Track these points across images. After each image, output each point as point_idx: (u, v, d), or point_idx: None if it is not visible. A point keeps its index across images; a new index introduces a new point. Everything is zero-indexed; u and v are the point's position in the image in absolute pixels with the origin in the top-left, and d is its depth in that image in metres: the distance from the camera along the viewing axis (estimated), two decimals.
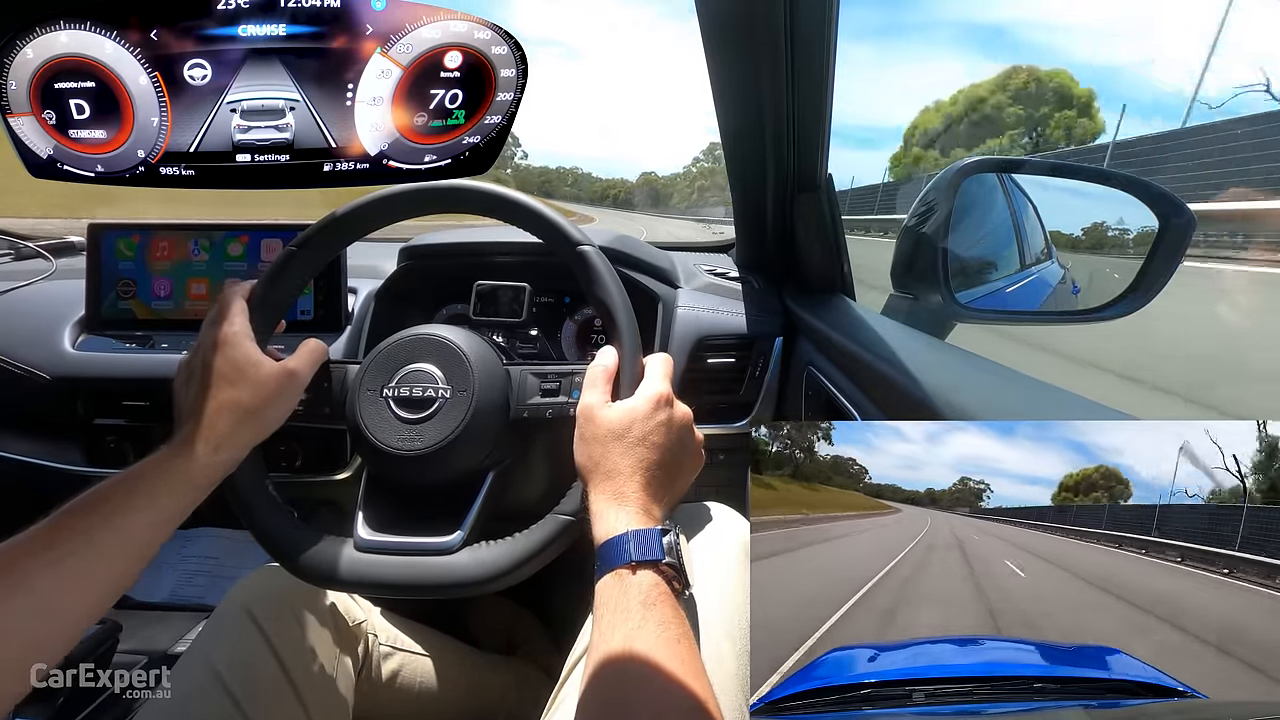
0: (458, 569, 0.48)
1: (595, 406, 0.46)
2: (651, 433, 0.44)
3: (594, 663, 0.35)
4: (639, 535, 0.39)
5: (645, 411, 0.45)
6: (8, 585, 0.35)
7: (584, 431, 0.46)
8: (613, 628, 0.36)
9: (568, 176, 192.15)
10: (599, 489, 0.43)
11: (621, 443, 0.44)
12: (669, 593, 0.38)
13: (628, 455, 0.44)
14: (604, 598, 0.38)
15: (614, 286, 0.51)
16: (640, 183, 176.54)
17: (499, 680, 0.75)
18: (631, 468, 0.43)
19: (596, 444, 0.45)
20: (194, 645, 0.52)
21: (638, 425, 0.44)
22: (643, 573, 0.38)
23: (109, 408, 0.82)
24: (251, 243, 0.86)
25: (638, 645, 0.34)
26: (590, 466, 0.45)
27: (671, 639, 0.35)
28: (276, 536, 0.50)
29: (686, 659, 0.35)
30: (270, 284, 0.52)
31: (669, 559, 0.39)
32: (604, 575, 0.39)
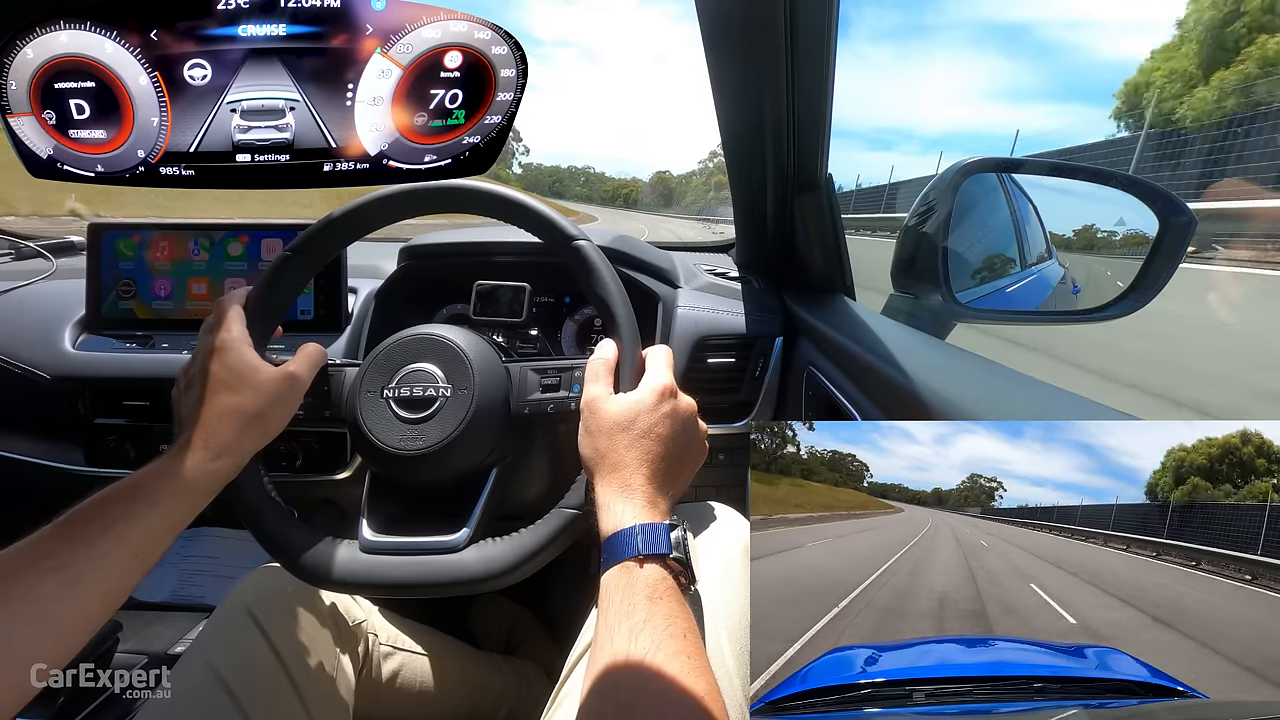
0: (464, 566, 0.48)
1: (600, 399, 0.46)
2: (657, 424, 0.44)
3: (599, 656, 0.35)
4: (646, 529, 0.39)
5: (650, 403, 0.45)
6: (9, 595, 0.35)
7: (589, 424, 0.46)
8: (619, 621, 0.36)
9: (579, 176, 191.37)
10: (605, 481, 0.43)
11: (627, 434, 0.44)
12: (675, 587, 0.38)
13: (633, 447, 0.43)
14: (610, 590, 0.38)
15: (611, 281, 0.51)
16: (654, 181, 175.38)
17: (499, 680, 0.75)
18: (638, 460, 0.43)
19: (602, 436, 0.44)
20: (194, 645, 0.52)
21: (643, 417, 0.44)
22: (650, 566, 0.38)
23: (109, 407, 0.82)
24: (251, 243, 0.86)
25: (643, 639, 0.34)
26: (596, 459, 0.44)
27: (678, 633, 0.35)
28: (282, 541, 0.50)
29: (692, 654, 0.35)
30: (267, 288, 0.52)
31: (676, 553, 0.39)
32: (610, 568, 0.39)
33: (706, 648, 0.43)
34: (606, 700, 0.34)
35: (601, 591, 0.39)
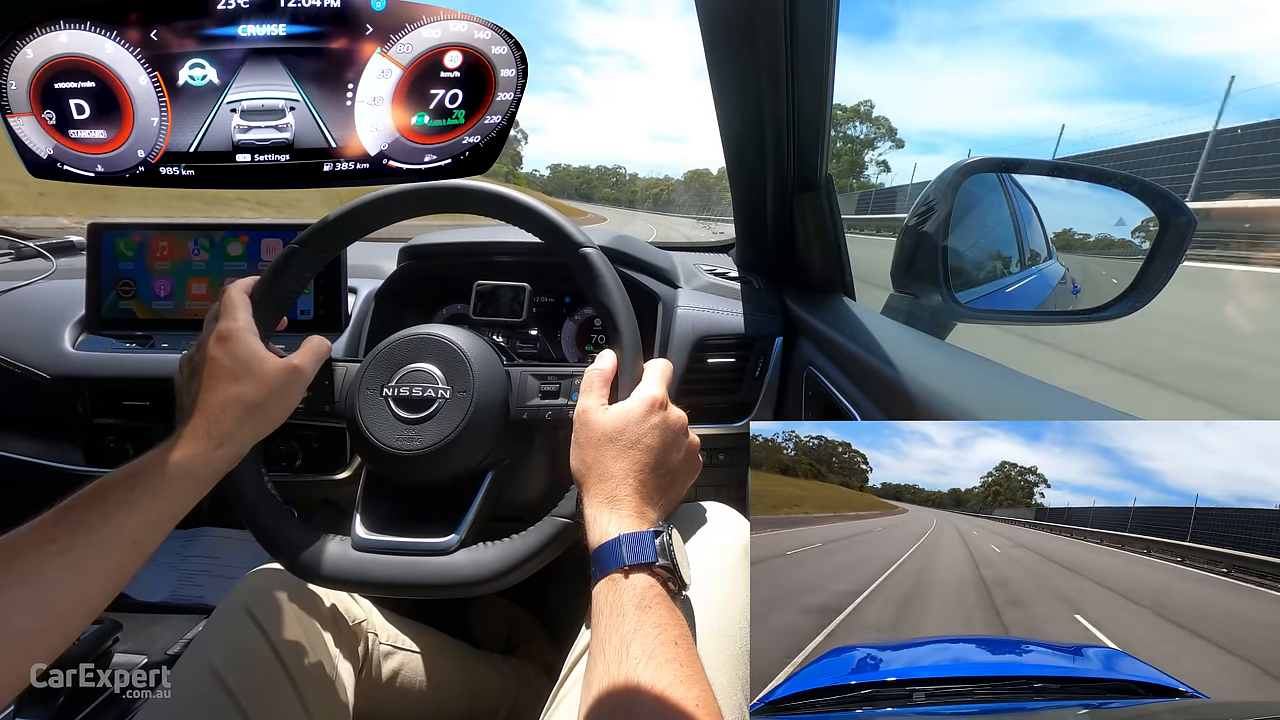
0: (455, 569, 0.48)
1: (590, 410, 0.46)
2: (645, 435, 0.44)
3: (593, 671, 0.35)
4: (630, 539, 0.39)
5: (639, 415, 0.45)
6: (11, 578, 0.35)
7: (579, 436, 0.46)
8: (610, 632, 0.36)
9: (610, 176, 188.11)
10: (592, 494, 0.43)
11: (614, 446, 0.44)
12: (664, 594, 0.38)
13: (620, 459, 0.43)
14: (600, 603, 0.38)
15: (616, 289, 0.51)
16: (688, 179, 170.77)
17: (499, 680, 0.75)
18: (624, 471, 0.43)
19: (590, 448, 0.44)
20: (194, 645, 0.52)
21: (631, 428, 0.44)
22: (636, 576, 0.38)
23: (109, 407, 0.82)
24: (251, 243, 0.86)
25: (634, 650, 0.34)
26: (584, 471, 0.44)
27: (669, 640, 0.35)
28: (275, 535, 0.50)
29: (685, 660, 0.35)
30: (272, 280, 0.52)
31: (662, 561, 0.39)
32: (599, 580, 0.39)
33: (705, 647, 0.43)
34: (603, 708, 0.34)
35: (593, 604, 0.39)
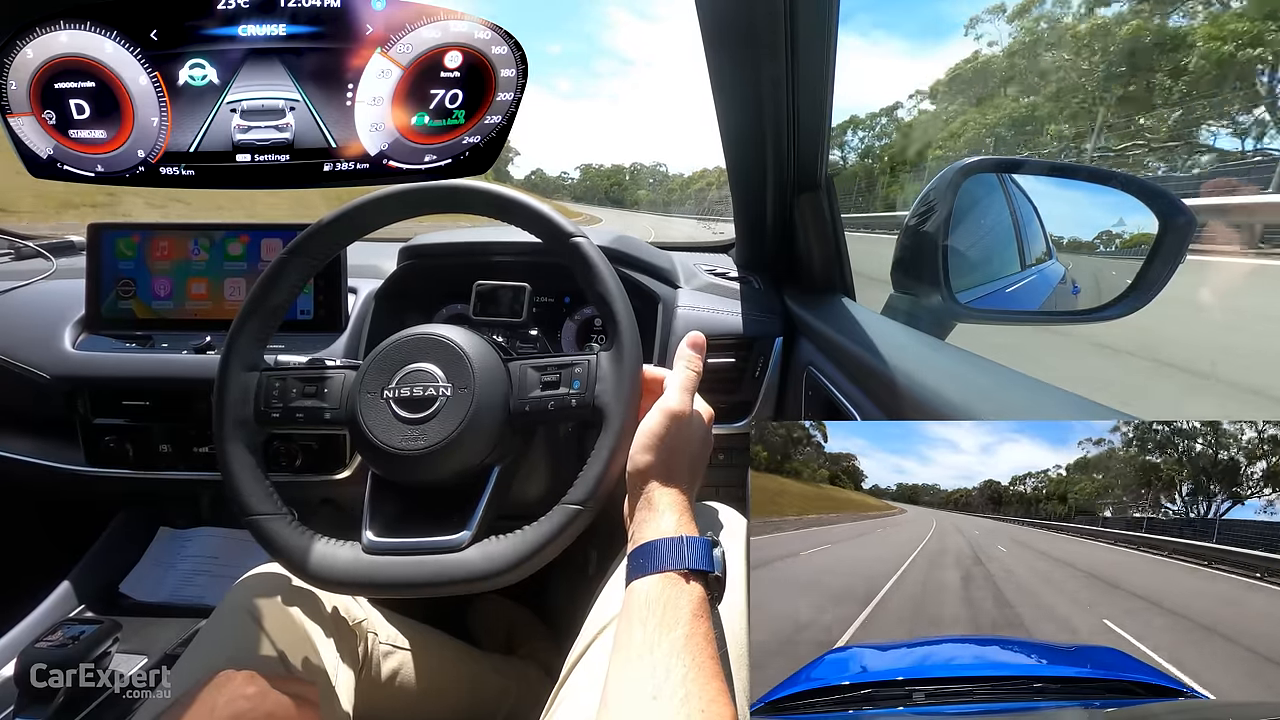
0: (468, 564, 0.48)
1: (688, 412, 0.48)
2: (705, 453, 0.49)
3: (636, 661, 0.35)
4: (695, 543, 0.40)
5: (705, 427, 0.49)
6: None
7: (664, 430, 0.46)
8: (661, 633, 0.35)
9: (645, 175, 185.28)
10: (660, 491, 0.44)
11: (689, 451, 0.47)
12: (710, 607, 0.39)
13: (693, 466, 0.47)
14: (652, 597, 0.38)
15: (609, 277, 0.51)
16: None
17: (499, 680, 0.75)
18: (692, 477, 0.46)
19: (676, 451, 0.46)
20: (194, 645, 0.52)
21: (702, 440, 0.48)
22: (695, 582, 0.38)
23: (109, 407, 0.82)
24: (251, 243, 0.86)
25: (685, 656, 0.34)
26: (655, 465, 0.45)
27: (715, 655, 0.35)
28: (286, 545, 0.50)
29: (723, 677, 0.35)
30: (266, 290, 0.53)
31: (717, 572, 0.40)
32: (650, 574, 0.39)
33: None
34: (641, 693, 0.33)
35: (639, 595, 0.38)
